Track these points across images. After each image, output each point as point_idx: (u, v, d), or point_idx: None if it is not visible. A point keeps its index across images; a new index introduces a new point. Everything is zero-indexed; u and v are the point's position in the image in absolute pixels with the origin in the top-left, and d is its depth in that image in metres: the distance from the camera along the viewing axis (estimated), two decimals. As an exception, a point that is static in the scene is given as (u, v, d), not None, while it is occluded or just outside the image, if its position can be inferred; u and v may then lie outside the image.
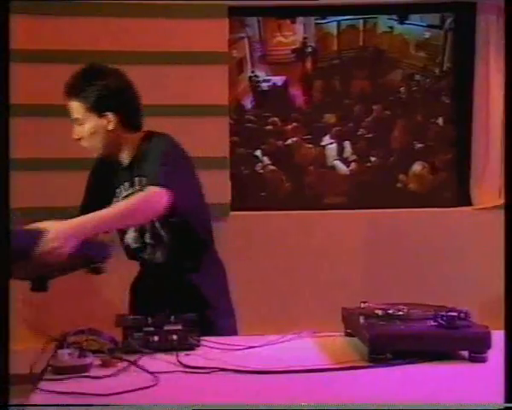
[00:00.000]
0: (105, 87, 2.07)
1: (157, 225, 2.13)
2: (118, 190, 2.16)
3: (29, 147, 2.95)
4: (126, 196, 2.10)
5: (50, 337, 1.64)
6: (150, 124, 3.18)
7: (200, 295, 2.14)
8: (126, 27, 3.22)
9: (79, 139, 2.12)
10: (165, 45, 3.24)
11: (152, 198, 1.92)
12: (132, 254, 2.23)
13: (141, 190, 2.02)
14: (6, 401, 1.08)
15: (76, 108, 2.08)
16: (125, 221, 1.98)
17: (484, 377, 1.55)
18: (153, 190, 1.92)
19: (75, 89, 2.08)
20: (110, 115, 2.09)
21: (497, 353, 1.58)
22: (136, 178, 2.11)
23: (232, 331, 2.15)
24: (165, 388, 1.48)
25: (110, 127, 2.09)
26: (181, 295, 2.11)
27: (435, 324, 1.68)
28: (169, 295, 2.12)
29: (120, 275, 2.24)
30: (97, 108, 2.07)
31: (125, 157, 2.15)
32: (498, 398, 1.26)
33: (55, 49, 3.16)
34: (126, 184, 2.14)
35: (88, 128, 2.09)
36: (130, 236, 2.21)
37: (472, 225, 3.37)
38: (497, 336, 1.62)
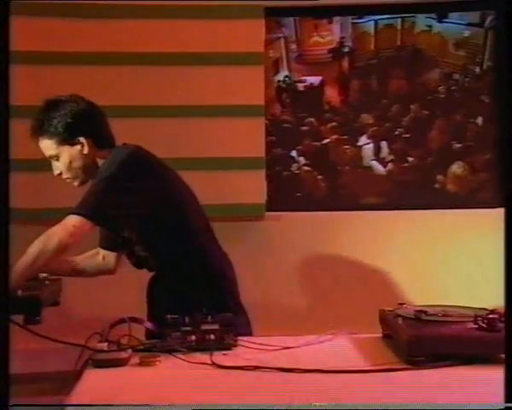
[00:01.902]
0: (67, 115, 2.08)
1: (137, 237, 2.15)
2: None
3: (29, 148, 2.98)
4: None
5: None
6: (187, 126, 3.23)
7: (211, 293, 2.12)
8: (162, 29, 3.24)
9: (60, 174, 2.14)
10: (202, 46, 3.26)
11: (55, 231, 1.93)
12: (140, 266, 2.25)
13: None
14: (6, 401, 1.09)
15: (47, 146, 2.10)
16: (41, 261, 1.91)
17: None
18: (62, 221, 1.94)
19: (40, 128, 2.10)
20: (82, 139, 2.10)
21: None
22: None
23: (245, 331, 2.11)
24: (199, 387, 1.49)
25: (85, 151, 2.11)
26: (194, 294, 2.10)
27: (475, 326, 1.65)
28: (183, 295, 2.11)
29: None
30: (67, 137, 2.09)
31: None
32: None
33: (56, 50, 3.17)
34: None
35: (64, 160, 2.11)
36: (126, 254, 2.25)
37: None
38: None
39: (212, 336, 1.76)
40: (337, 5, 3.43)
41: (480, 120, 3.50)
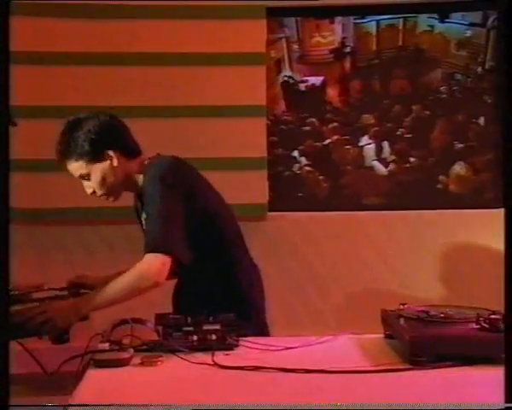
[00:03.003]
0: (91, 132, 2.05)
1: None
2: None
3: (29, 148, 2.98)
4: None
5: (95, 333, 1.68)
6: (189, 126, 3.23)
7: (235, 300, 2.10)
8: (164, 29, 3.24)
9: (94, 193, 2.12)
10: (203, 47, 3.26)
11: (148, 272, 1.87)
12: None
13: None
14: (6, 401, 1.09)
15: (76, 167, 2.08)
16: (128, 299, 1.88)
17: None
18: (149, 260, 1.88)
19: (66, 151, 2.07)
20: (110, 152, 2.08)
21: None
22: (143, 213, 2.09)
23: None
24: (201, 387, 1.49)
25: (115, 164, 2.08)
26: (219, 300, 2.07)
27: (478, 326, 1.65)
28: (208, 300, 2.08)
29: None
30: (96, 154, 2.06)
31: (136, 186, 2.14)
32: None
33: (55, 50, 3.18)
34: (143, 213, 2.10)
35: (96, 177, 2.08)
36: None
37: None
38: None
39: (214, 337, 1.76)
40: (339, 5, 3.43)
41: (481, 121, 3.49)
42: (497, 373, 1.55)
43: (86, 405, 1.35)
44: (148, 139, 2.21)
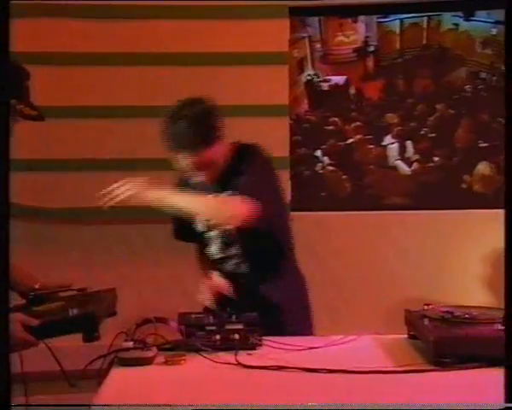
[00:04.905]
0: (198, 119, 2.09)
1: (242, 236, 2.15)
2: None
3: (29, 148, 3.00)
4: None
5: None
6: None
7: (277, 308, 2.14)
8: (185, 28, 3.25)
9: (199, 179, 2.15)
10: (227, 46, 3.26)
11: (235, 205, 2.00)
12: (213, 264, 2.24)
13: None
14: (8, 400, 1.10)
15: (186, 156, 2.08)
16: (206, 215, 2.10)
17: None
18: (237, 198, 2.00)
19: (176, 142, 2.07)
20: (216, 138, 2.11)
21: None
22: (224, 193, 2.13)
23: None
24: (223, 386, 1.49)
25: (220, 149, 2.12)
26: (259, 305, 2.04)
27: (503, 327, 1.63)
28: (248, 305, 2.04)
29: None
30: (207, 141, 2.08)
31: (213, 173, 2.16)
32: None
33: (55, 50, 3.20)
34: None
35: (205, 162, 2.09)
36: (215, 247, 2.22)
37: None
38: None
39: (237, 336, 1.77)
40: (362, 4, 3.42)
41: (507, 119, 3.45)
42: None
43: (86, 405, 1.35)
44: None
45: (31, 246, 3.00)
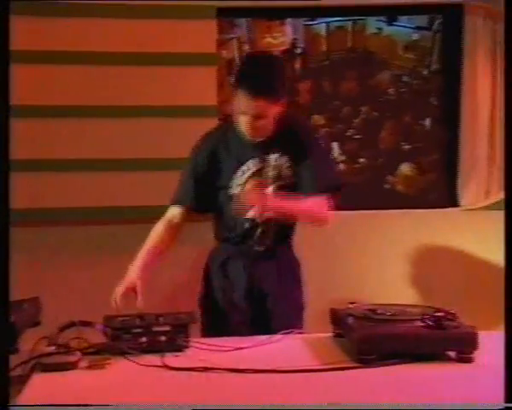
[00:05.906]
0: (278, 73, 2.13)
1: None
2: (244, 168, 2.16)
3: (28, 148, 2.93)
4: (257, 172, 2.15)
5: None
6: (137, 124, 3.20)
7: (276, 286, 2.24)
8: (117, 28, 3.20)
9: (252, 131, 2.11)
10: (153, 46, 3.23)
11: (322, 208, 2.15)
12: (235, 233, 2.21)
13: (279, 169, 2.15)
14: (6, 400, 1.08)
15: (259, 104, 2.05)
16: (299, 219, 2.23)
17: (472, 377, 1.55)
18: (323, 199, 2.13)
19: (258, 87, 2.04)
20: (282, 98, 2.10)
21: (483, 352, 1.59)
22: (273, 156, 2.15)
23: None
24: (149, 388, 1.48)
25: (278, 110, 2.11)
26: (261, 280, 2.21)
27: (423, 324, 1.68)
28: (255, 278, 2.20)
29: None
30: (277, 96, 2.08)
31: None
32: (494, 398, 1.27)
33: (55, 50, 3.13)
34: (253, 160, 2.16)
35: (268, 117, 2.09)
36: (243, 230, 2.20)
37: (459, 225, 3.38)
38: (485, 337, 1.64)
39: (164, 338, 1.75)
40: (289, 7, 3.45)
41: (428, 122, 3.57)
42: (443, 370, 1.59)
43: (84, 405, 1.32)
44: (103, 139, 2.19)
45: None
